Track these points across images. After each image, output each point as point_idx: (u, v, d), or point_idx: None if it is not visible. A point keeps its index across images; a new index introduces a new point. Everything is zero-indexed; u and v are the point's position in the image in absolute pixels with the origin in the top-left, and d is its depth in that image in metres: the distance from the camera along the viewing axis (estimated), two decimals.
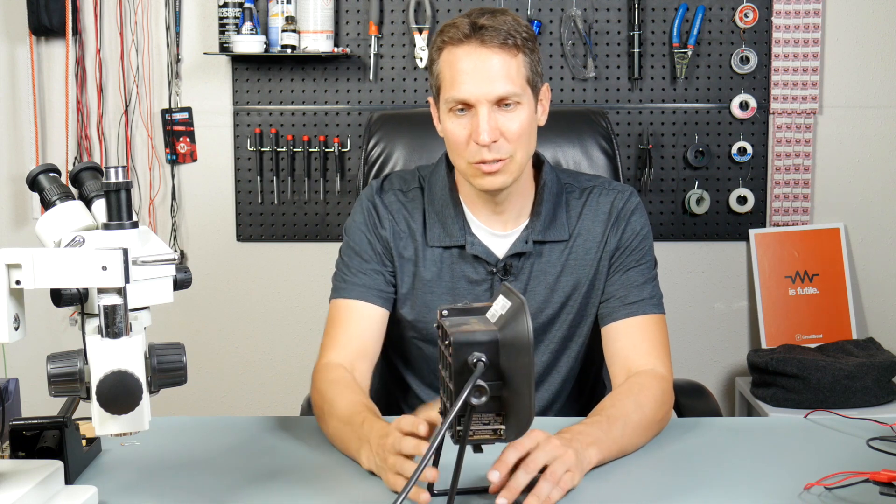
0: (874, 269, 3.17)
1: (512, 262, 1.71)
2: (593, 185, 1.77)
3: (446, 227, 1.72)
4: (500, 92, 1.59)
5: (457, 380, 1.14)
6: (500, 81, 1.59)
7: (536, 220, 1.71)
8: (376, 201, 1.76)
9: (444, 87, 1.63)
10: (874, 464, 1.34)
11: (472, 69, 1.59)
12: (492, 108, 1.60)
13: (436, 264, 1.73)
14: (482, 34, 1.59)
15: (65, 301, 1.16)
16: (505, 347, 1.15)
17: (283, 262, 3.20)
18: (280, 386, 3.23)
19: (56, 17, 3.03)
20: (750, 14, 3.06)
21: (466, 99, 1.60)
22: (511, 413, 1.16)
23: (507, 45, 1.59)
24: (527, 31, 1.63)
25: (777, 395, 2.81)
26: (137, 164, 3.17)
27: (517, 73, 1.61)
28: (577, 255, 1.72)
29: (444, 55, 1.63)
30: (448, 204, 1.73)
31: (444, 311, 1.21)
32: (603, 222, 1.73)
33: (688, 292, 3.19)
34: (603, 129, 2.09)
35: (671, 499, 1.30)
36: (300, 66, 3.11)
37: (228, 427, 1.61)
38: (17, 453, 1.36)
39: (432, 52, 1.66)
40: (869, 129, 3.13)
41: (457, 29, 1.61)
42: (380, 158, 2.07)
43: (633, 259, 1.72)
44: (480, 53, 1.59)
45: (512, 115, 1.61)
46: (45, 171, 1.28)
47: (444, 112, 1.65)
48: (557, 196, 1.74)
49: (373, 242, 1.74)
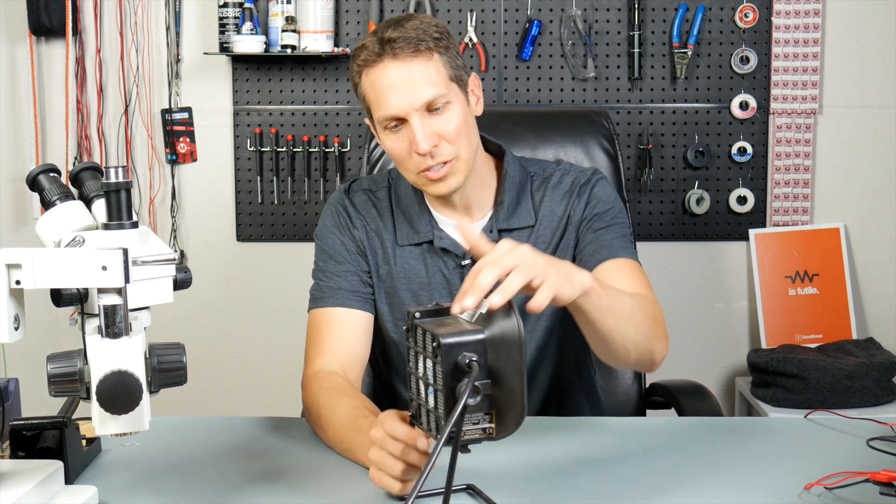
0: (874, 269, 3.17)
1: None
2: (555, 169, 1.77)
3: (413, 224, 1.73)
4: (425, 98, 1.58)
5: (448, 382, 1.13)
6: (423, 87, 1.58)
7: (500, 208, 1.71)
8: (345, 202, 1.77)
9: (373, 108, 1.63)
10: (874, 464, 1.34)
11: (392, 84, 1.58)
12: (423, 115, 1.59)
13: (408, 262, 1.73)
14: (393, 48, 1.58)
15: (65, 301, 1.16)
16: (494, 345, 1.14)
17: (283, 262, 3.20)
18: (280, 386, 3.23)
19: (56, 17, 3.03)
20: (750, 14, 3.06)
21: (396, 114, 1.59)
22: (503, 411, 1.15)
23: (419, 51, 1.58)
24: (437, 31, 1.62)
25: (777, 395, 2.81)
26: (137, 164, 3.17)
27: (437, 74, 1.60)
28: (544, 237, 1.72)
29: (364, 78, 1.62)
30: (413, 202, 1.73)
31: (416, 314, 1.19)
32: (564, 200, 1.73)
33: (688, 292, 3.19)
34: (605, 130, 2.09)
35: (671, 499, 1.30)
36: (300, 66, 3.11)
37: (228, 427, 1.61)
38: (17, 453, 1.36)
39: (353, 77, 1.65)
40: (869, 129, 3.13)
41: (368, 50, 1.60)
42: (381, 159, 2.07)
43: (602, 222, 1.70)
44: (396, 67, 1.58)
45: (445, 117, 1.60)
46: (45, 171, 1.28)
47: (380, 131, 1.64)
48: (521, 184, 1.74)
49: (346, 243, 1.74)
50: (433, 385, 1.15)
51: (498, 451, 1.32)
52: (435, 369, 1.15)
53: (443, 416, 1.14)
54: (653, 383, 2.07)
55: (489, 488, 1.31)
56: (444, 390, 1.13)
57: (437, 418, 1.16)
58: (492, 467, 1.39)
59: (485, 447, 1.19)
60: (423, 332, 1.17)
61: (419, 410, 1.21)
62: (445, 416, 1.13)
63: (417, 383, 1.20)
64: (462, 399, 1.11)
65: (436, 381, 1.15)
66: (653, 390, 2.06)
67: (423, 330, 1.17)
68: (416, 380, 1.20)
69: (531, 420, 1.70)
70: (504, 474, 1.38)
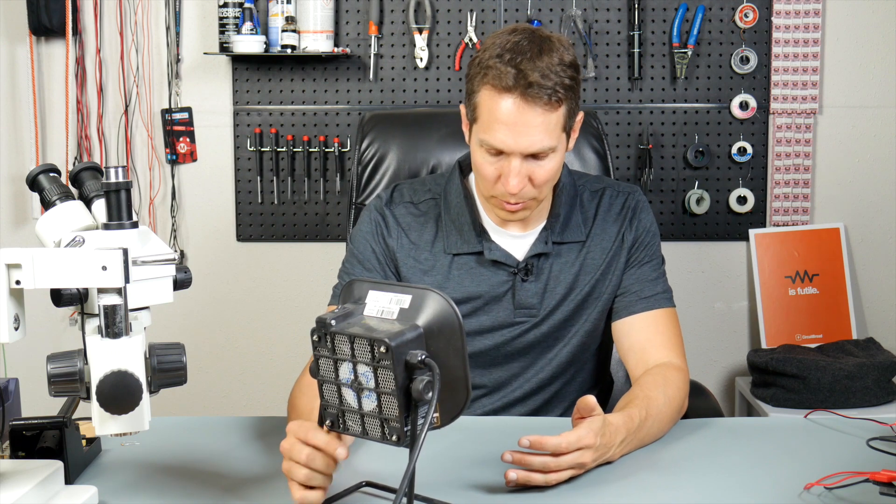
0: (874, 269, 3.17)
1: (533, 263, 1.73)
2: (604, 186, 1.80)
3: (463, 234, 1.73)
4: (535, 148, 1.58)
5: (400, 382, 1.12)
6: (537, 137, 1.57)
7: (555, 221, 1.74)
8: (386, 213, 1.77)
9: (480, 123, 1.60)
10: (874, 464, 1.34)
11: (511, 122, 1.56)
12: (524, 158, 1.59)
13: (454, 272, 1.73)
14: (527, 90, 1.54)
15: (65, 301, 1.16)
16: (431, 336, 1.15)
17: (283, 262, 3.20)
18: (280, 386, 3.23)
19: (56, 17, 3.03)
20: (750, 14, 3.06)
21: (501, 149, 1.58)
22: (446, 398, 1.16)
23: (550, 102, 1.56)
24: (571, 76, 1.58)
25: (777, 395, 2.81)
26: (137, 164, 3.17)
27: (556, 125, 1.58)
28: (593, 254, 1.75)
29: (485, 94, 1.58)
30: (464, 211, 1.74)
31: (331, 321, 1.16)
32: (619, 221, 1.76)
33: (688, 292, 3.19)
34: (594, 129, 2.09)
35: (671, 499, 1.30)
36: (300, 66, 3.11)
37: (228, 427, 1.61)
38: (17, 453, 1.36)
39: (473, 81, 1.61)
40: (869, 129, 3.13)
41: (499, 72, 1.55)
42: (373, 159, 2.07)
43: (646, 255, 1.76)
44: (522, 110, 1.55)
45: (543, 163, 1.61)
46: (45, 171, 1.28)
47: (475, 143, 1.63)
48: (573, 198, 1.76)
49: (377, 252, 1.75)
50: (376, 389, 1.14)
51: (498, 450, 1.32)
52: (378, 373, 1.13)
53: (395, 418, 1.13)
54: None
55: (490, 487, 1.31)
56: (395, 392, 1.12)
57: (385, 420, 1.15)
58: (492, 466, 1.39)
59: (478, 445, 1.20)
60: (347, 339, 1.14)
61: (340, 418, 1.19)
62: (401, 417, 1.13)
63: (339, 390, 1.18)
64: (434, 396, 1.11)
65: (379, 384, 1.13)
66: None
67: (348, 336, 1.14)
68: (335, 387, 1.18)
69: (532, 420, 1.71)
70: (502, 473, 1.38)
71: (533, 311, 1.73)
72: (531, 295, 1.73)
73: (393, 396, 1.13)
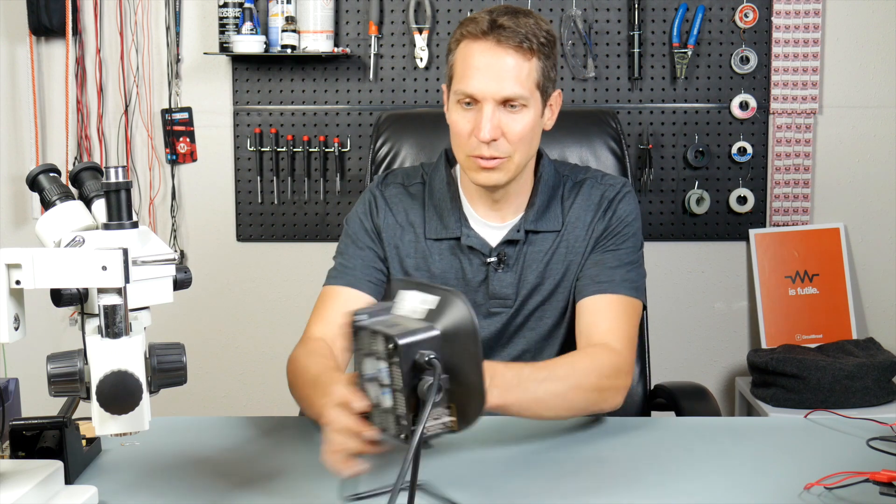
0: (874, 269, 3.17)
1: (505, 251, 1.74)
2: (586, 176, 1.81)
3: (443, 219, 1.76)
4: (507, 93, 1.61)
5: (409, 381, 1.13)
6: (508, 82, 1.61)
7: (531, 210, 1.75)
8: (376, 193, 1.81)
9: (455, 77, 1.66)
10: (874, 464, 1.34)
11: (483, 66, 1.62)
12: (497, 106, 1.62)
13: (434, 257, 1.76)
14: (499, 33, 1.61)
15: (65, 301, 1.16)
16: (448, 340, 1.15)
17: (283, 262, 3.20)
18: (280, 386, 3.20)
19: (56, 17, 3.03)
20: (750, 14, 3.06)
21: (473, 94, 1.62)
22: (463, 403, 1.16)
23: (521, 48, 1.61)
24: (546, 37, 1.65)
25: (777, 395, 2.81)
26: (137, 164, 3.17)
27: (528, 76, 1.63)
28: (567, 243, 1.75)
29: (461, 47, 1.65)
30: (446, 197, 1.76)
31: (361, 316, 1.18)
32: (592, 211, 1.76)
33: (688, 292, 3.19)
34: (612, 130, 2.09)
35: (671, 498, 1.30)
36: (300, 66, 3.11)
37: (228, 427, 1.61)
38: (17, 453, 1.36)
39: (451, 42, 1.69)
40: (869, 129, 3.13)
41: (476, 24, 1.63)
42: (387, 158, 2.09)
43: (612, 243, 1.75)
44: (495, 52, 1.61)
45: (516, 117, 1.64)
46: (45, 171, 1.28)
47: (452, 102, 1.68)
48: (554, 188, 1.77)
49: (368, 229, 1.79)
50: (391, 385, 1.15)
51: (499, 450, 1.32)
52: (392, 370, 1.14)
53: (404, 415, 1.14)
54: (657, 385, 2.07)
55: (489, 487, 1.31)
56: (404, 390, 1.13)
57: (398, 417, 1.15)
58: (492, 466, 1.39)
59: (484, 445, 1.20)
60: (371, 334, 1.16)
61: (371, 412, 1.20)
62: (409, 415, 1.13)
63: (365, 385, 1.19)
64: (430, 397, 1.11)
65: (393, 381, 1.15)
66: (656, 392, 2.06)
67: (371, 332, 1.16)
68: (363, 382, 1.20)
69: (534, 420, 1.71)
70: (505, 472, 1.38)
71: (507, 301, 1.75)
72: (506, 285, 1.74)
73: (402, 394, 1.14)
